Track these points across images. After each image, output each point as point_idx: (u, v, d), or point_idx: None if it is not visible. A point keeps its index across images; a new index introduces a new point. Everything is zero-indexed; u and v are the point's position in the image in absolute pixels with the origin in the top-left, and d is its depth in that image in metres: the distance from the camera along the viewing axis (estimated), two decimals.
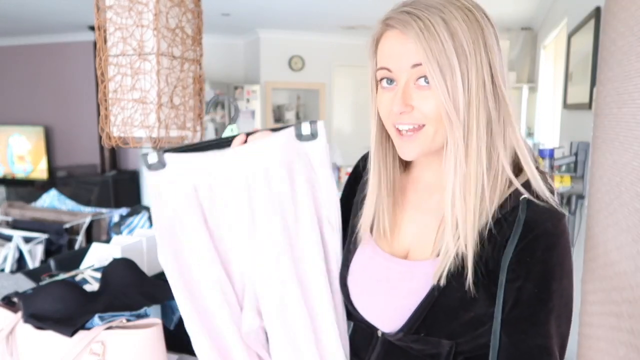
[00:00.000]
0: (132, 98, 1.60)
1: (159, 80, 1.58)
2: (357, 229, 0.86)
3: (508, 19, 4.60)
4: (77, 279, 1.30)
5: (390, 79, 0.74)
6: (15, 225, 2.67)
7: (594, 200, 1.78)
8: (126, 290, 1.18)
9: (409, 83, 0.72)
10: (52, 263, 1.66)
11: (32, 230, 2.51)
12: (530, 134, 4.54)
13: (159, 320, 1.08)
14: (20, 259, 2.38)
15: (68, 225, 2.61)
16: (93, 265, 1.37)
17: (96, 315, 1.05)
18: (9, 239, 2.40)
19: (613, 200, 1.51)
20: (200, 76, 1.76)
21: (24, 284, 1.45)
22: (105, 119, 1.63)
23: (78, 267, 1.46)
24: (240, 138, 0.89)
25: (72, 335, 1.02)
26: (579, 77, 2.58)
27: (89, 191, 5.40)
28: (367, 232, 0.85)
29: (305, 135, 0.87)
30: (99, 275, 1.30)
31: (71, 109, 6.19)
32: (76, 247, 2.56)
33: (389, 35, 0.73)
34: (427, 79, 0.70)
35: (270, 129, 0.89)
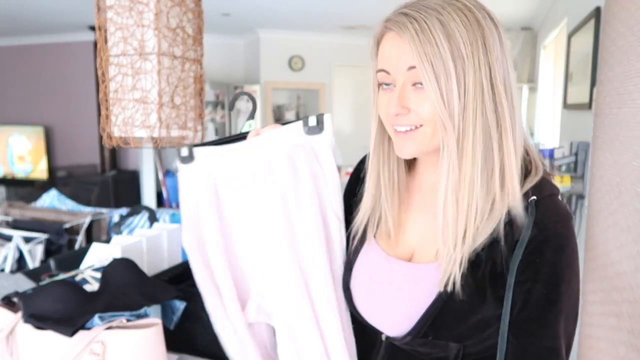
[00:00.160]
0: (133, 98, 1.60)
1: (160, 80, 1.58)
2: (355, 230, 0.86)
3: (508, 19, 4.60)
4: (77, 279, 1.30)
5: (388, 81, 0.74)
6: (15, 225, 2.66)
7: (594, 200, 1.77)
8: (126, 290, 1.18)
9: (405, 85, 0.72)
10: (52, 263, 1.65)
11: (32, 230, 2.50)
12: (530, 134, 4.54)
13: (159, 320, 1.08)
14: (20, 259, 2.37)
15: (68, 225, 2.60)
16: (93, 265, 1.37)
17: (96, 315, 1.05)
18: (9, 239, 2.39)
19: (613, 200, 1.51)
20: (201, 76, 1.76)
21: (24, 284, 1.44)
22: (106, 119, 1.63)
23: (78, 267, 1.46)
24: (253, 132, 0.90)
25: (72, 335, 1.02)
26: (579, 77, 2.58)
27: (89, 191, 5.39)
28: (371, 235, 0.84)
29: (312, 128, 0.87)
30: (99, 275, 1.29)
31: (71, 109, 6.19)
32: (76, 247, 2.56)
33: (388, 37, 0.73)
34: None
35: (281, 124, 0.90)
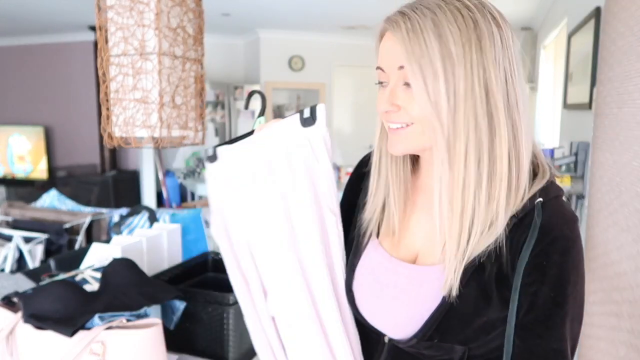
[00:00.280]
0: (134, 98, 1.60)
1: (161, 80, 1.58)
2: (361, 230, 0.85)
3: (508, 19, 4.58)
4: (77, 279, 1.30)
5: (383, 79, 0.75)
6: (15, 225, 2.66)
7: (594, 200, 1.77)
8: (126, 290, 1.18)
9: (397, 83, 0.72)
10: (52, 263, 1.65)
11: (32, 230, 2.50)
12: None
13: (159, 320, 1.08)
14: (20, 259, 2.37)
15: (68, 225, 2.60)
16: (93, 265, 1.37)
17: (96, 315, 1.05)
18: (9, 239, 2.39)
19: (613, 200, 1.51)
20: (201, 76, 1.76)
21: (24, 284, 1.44)
22: (107, 119, 1.63)
23: (78, 267, 1.46)
24: (258, 127, 0.90)
25: (72, 335, 1.02)
26: (579, 77, 2.58)
27: (89, 191, 5.40)
28: (374, 235, 0.84)
29: (307, 119, 0.85)
30: (99, 275, 1.29)
31: (71, 109, 6.20)
32: (76, 247, 2.55)
33: (386, 35, 0.73)
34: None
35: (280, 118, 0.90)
